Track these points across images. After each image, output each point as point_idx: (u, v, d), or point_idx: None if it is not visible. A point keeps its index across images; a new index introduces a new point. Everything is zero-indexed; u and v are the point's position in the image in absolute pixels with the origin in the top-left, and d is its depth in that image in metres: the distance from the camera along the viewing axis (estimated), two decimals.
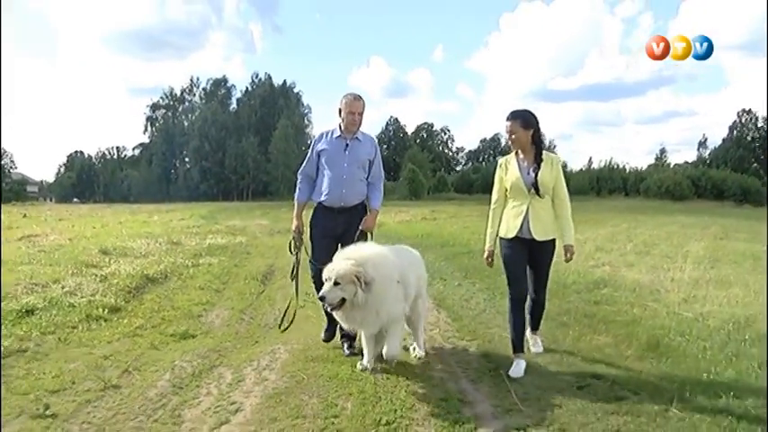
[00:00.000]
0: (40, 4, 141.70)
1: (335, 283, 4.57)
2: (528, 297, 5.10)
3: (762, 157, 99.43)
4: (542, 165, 4.89)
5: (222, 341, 6.09)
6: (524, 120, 4.91)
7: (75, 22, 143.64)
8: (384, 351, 4.90)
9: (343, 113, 5.45)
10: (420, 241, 16.12)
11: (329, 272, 4.63)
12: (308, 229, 5.56)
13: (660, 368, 4.96)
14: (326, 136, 5.60)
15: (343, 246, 5.19)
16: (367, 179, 5.61)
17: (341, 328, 5.31)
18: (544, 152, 4.96)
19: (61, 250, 13.27)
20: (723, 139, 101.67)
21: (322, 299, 4.63)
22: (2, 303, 7.04)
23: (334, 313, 4.80)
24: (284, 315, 5.87)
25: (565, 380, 4.73)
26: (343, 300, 4.60)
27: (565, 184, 5.05)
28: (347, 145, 5.48)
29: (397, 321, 4.89)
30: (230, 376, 4.83)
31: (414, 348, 5.43)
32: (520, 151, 4.99)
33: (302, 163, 5.71)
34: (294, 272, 5.72)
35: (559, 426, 3.82)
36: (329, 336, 5.75)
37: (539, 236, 4.88)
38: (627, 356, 5.31)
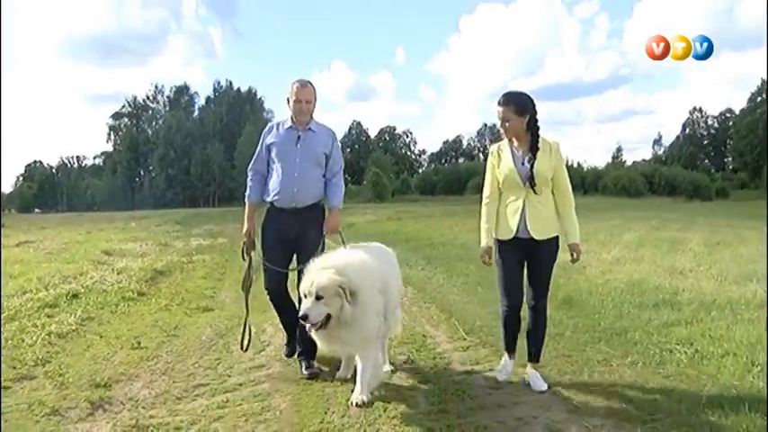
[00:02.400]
0: None
1: (318, 298, 3.96)
2: (526, 308, 4.56)
3: (713, 154, 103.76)
4: (539, 153, 4.35)
5: (237, 312, 7.62)
6: (518, 104, 4.38)
7: (30, 30, 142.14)
8: (354, 393, 4.17)
9: (290, 103, 4.93)
10: (387, 237, 17.88)
11: (307, 285, 4.02)
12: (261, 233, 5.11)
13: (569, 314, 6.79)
14: (277, 128, 5.08)
15: (298, 253, 4.88)
16: (324, 176, 5.03)
17: (298, 342, 4.90)
18: (541, 138, 4.42)
19: (67, 252, 14.78)
20: (676, 137, 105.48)
21: (304, 318, 3.96)
22: (7, 301, 8.46)
23: (314, 334, 4.09)
24: (243, 335, 5.19)
25: None
26: (328, 317, 3.99)
27: (566, 174, 4.51)
28: (299, 137, 4.92)
29: (370, 342, 4.25)
30: (254, 329, 6.49)
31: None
32: (514, 138, 4.46)
33: (251, 159, 5.20)
34: (246, 281, 5.13)
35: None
36: (292, 350, 5.18)
37: (538, 235, 4.36)
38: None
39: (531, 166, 4.35)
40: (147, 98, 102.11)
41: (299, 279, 4.39)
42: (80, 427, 3.79)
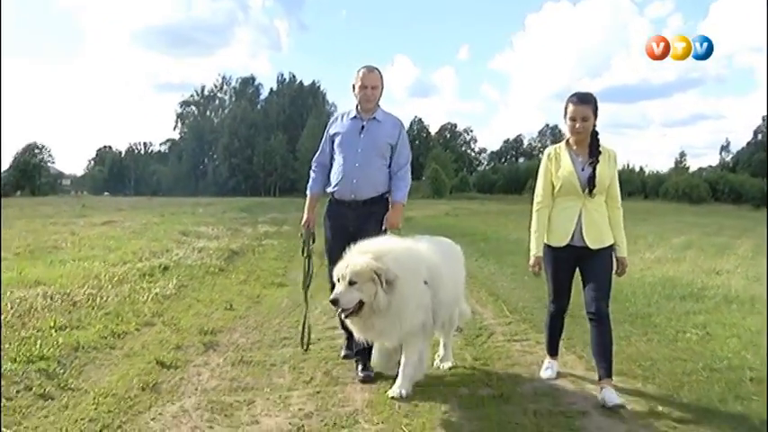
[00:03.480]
0: (68, 3, 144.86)
1: (351, 283, 3.83)
2: (588, 318, 4.29)
3: None
4: (600, 158, 4.23)
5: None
6: (596, 105, 4.26)
7: (103, 20, 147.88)
8: (394, 386, 4.12)
9: (356, 89, 4.77)
10: (444, 231, 18.83)
11: (341, 269, 3.90)
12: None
13: None
14: (342, 118, 4.93)
15: None
16: (389, 168, 4.81)
17: (355, 344, 4.51)
18: (602, 144, 4.31)
19: (149, 231, 16.18)
20: (747, 143, 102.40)
21: (334, 302, 3.85)
22: (114, 268, 9.61)
23: (348, 321, 4.01)
24: (302, 333, 5.08)
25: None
26: (361, 303, 3.85)
27: (618, 185, 4.39)
28: (363, 127, 4.74)
29: (416, 336, 4.14)
30: (325, 302, 7.49)
31: (440, 359, 4.93)
32: (572, 142, 4.34)
33: (315, 152, 5.07)
34: (306, 279, 5.12)
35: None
36: (351, 351, 4.86)
37: (594, 243, 4.24)
38: None
39: (593, 171, 4.21)
40: (215, 87, 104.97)
41: None
42: (199, 359, 4.86)
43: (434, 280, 4.18)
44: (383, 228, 4.66)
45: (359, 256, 3.92)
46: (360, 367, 4.57)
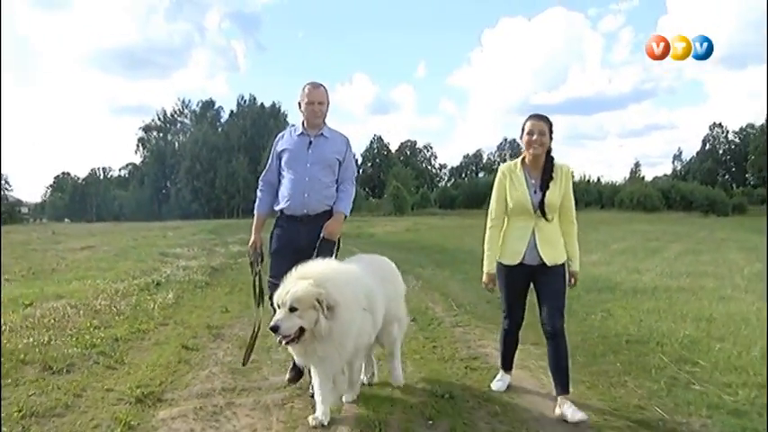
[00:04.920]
0: (25, 30, 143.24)
1: (291, 309, 3.79)
2: (544, 335, 4.38)
3: (733, 169, 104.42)
4: (551, 184, 4.32)
5: None
6: (551, 124, 4.37)
7: (57, 43, 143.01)
8: (346, 395, 4.36)
9: (302, 106, 4.81)
10: (404, 245, 20.44)
11: (282, 295, 3.84)
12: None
13: None
14: (289, 134, 4.95)
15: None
16: (336, 182, 4.87)
17: None
18: (556, 163, 4.40)
19: (130, 254, 17.34)
20: (696, 153, 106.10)
21: (274, 329, 3.78)
22: (114, 284, 10.85)
23: (289, 347, 3.97)
24: (247, 352, 4.97)
25: None
26: (302, 330, 3.80)
27: (572, 199, 4.43)
28: (311, 142, 4.77)
29: (358, 356, 4.33)
30: None
31: (390, 373, 4.92)
32: (528, 161, 4.40)
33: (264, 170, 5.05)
34: (256, 296, 4.95)
35: None
36: (296, 374, 4.92)
37: (550, 261, 4.31)
38: None
39: (543, 195, 4.29)
40: (175, 112, 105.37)
41: None
42: (212, 344, 6.25)
43: (372, 304, 4.20)
44: (321, 235, 4.65)
45: (299, 281, 3.85)
46: (290, 366, 4.90)
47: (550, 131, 4.33)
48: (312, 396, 4.31)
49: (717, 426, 4.00)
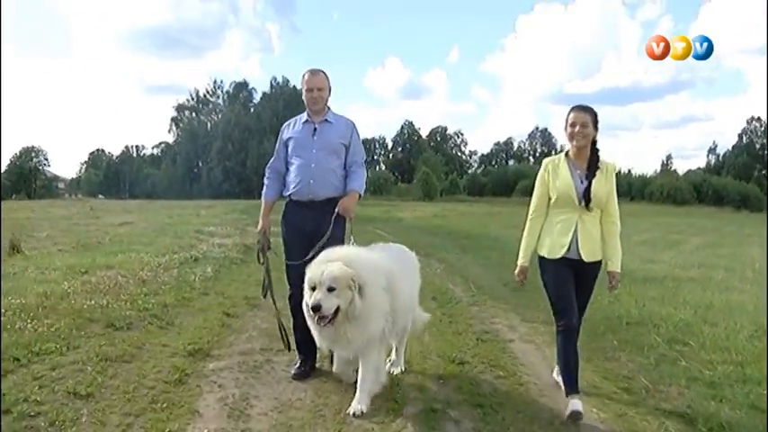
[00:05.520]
0: (53, 2, 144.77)
1: (329, 289, 3.82)
2: (556, 329, 4.36)
3: None
4: (598, 173, 4.25)
5: None
6: (595, 115, 4.27)
7: (88, 19, 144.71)
8: (354, 402, 4.10)
9: (303, 94, 4.89)
10: (431, 230, 21.07)
11: (317, 276, 3.86)
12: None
13: None
14: (294, 123, 5.01)
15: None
16: (344, 168, 4.90)
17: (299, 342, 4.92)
18: (601, 158, 4.33)
19: (167, 231, 18.14)
20: (732, 146, 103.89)
21: (316, 308, 3.80)
22: (157, 258, 11.57)
23: (319, 329, 3.98)
24: (283, 337, 5.13)
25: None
26: (337, 310, 3.86)
27: (616, 199, 4.37)
28: (315, 129, 4.84)
29: (373, 346, 4.17)
30: None
31: (391, 363, 4.92)
32: (572, 154, 4.34)
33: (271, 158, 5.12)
34: (265, 284, 5.24)
35: None
36: (305, 371, 4.87)
37: (588, 257, 4.26)
38: None
39: (589, 185, 4.21)
40: (207, 92, 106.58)
41: None
42: (250, 312, 6.94)
43: (391, 287, 4.17)
44: (336, 211, 4.69)
45: (330, 263, 3.89)
46: (298, 363, 4.89)
47: (595, 123, 4.25)
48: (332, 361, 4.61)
49: (692, 394, 4.55)
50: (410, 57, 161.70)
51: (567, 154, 4.38)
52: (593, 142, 4.29)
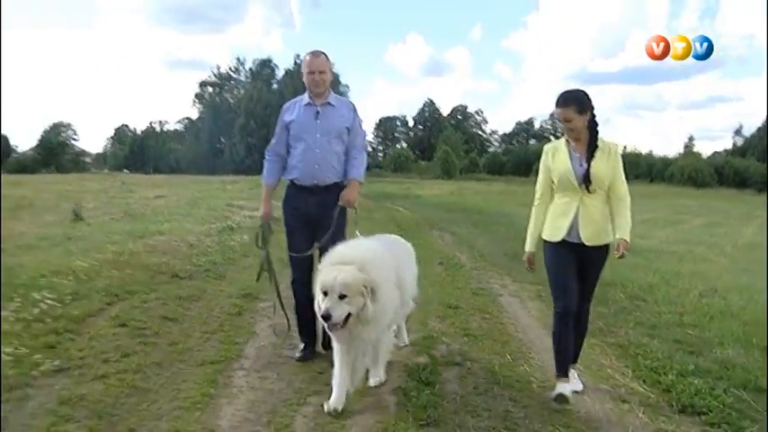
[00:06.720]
0: None
1: (341, 296, 3.75)
2: None
3: None
4: (597, 153, 4.19)
5: None
6: (579, 103, 4.20)
7: None
8: (372, 375, 4.36)
9: (304, 76, 4.78)
10: (447, 206, 22.40)
11: (329, 282, 3.75)
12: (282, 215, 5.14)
13: None
14: (295, 105, 4.89)
15: (318, 234, 4.74)
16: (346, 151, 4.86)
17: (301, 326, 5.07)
18: (600, 139, 4.25)
19: (199, 203, 19.53)
20: (758, 128, 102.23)
21: (326, 318, 3.71)
22: (199, 226, 12.98)
23: (334, 332, 3.88)
24: (285, 315, 5.31)
25: None
26: (348, 316, 3.80)
27: (624, 178, 4.28)
28: (318, 112, 4.76)
29: (384, 333, 4.32)
30: None
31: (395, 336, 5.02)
32: (571, 139, 4.29)
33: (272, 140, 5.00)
34: (263, 269, 5.48)
35: None
36: (307, 354, 4.96)
37: (589, 241, 4.18)
38: None
39: (588, 167, 4.17)
40: (230, 70, 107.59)
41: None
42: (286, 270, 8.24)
43: (399, 281, 4.24)
44: (339, 204, 4.71)
45: (344, 267, 3.81)
46: (301, 347, 4.97)
47: (581, 108, 4.17)
48: None
49: (635, 333, 5.81)
50: (432, 33, 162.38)
51: (567, 138, 4.35)
52: (593, 124, 4.23)
